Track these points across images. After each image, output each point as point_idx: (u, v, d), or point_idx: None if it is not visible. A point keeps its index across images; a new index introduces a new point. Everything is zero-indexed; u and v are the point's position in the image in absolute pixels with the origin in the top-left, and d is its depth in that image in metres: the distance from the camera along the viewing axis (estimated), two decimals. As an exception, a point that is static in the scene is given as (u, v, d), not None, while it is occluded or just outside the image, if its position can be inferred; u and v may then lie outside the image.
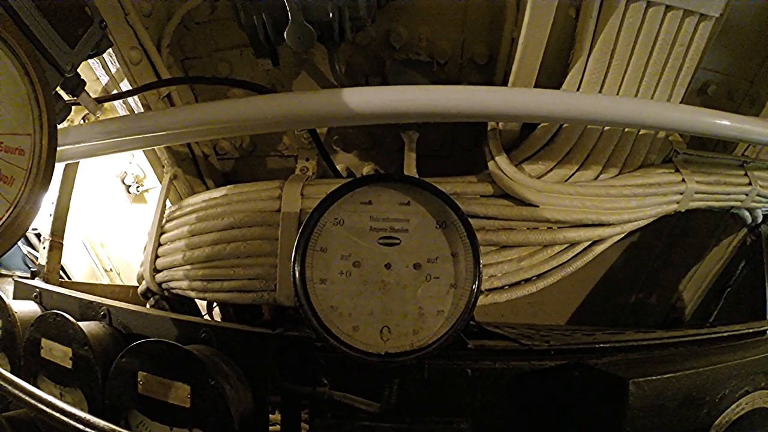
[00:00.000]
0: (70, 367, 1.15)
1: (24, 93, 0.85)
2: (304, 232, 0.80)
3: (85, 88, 1.12)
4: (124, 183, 1.72)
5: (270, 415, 1.14)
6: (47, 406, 1.07)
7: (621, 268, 1.68)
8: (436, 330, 0.77)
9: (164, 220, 1.32)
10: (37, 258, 1.61)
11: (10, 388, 1.15)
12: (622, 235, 1.15)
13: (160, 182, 1.34)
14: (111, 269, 1.97)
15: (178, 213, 1.30)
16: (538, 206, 1.06)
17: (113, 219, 1.81)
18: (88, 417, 0.98)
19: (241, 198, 1.16)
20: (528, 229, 1.07)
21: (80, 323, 1.17)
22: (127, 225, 1.78)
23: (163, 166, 1.33)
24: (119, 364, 1.05)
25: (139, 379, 1.03)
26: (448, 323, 0.77)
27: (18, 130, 0.84)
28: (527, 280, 1.09)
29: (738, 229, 1.60)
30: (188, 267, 1.19)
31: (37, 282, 1.43)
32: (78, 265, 2.01)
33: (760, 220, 1.48)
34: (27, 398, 1.10)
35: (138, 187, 1.71)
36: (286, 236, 1.07)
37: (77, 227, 1.81)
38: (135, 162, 1.67)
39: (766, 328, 1.40)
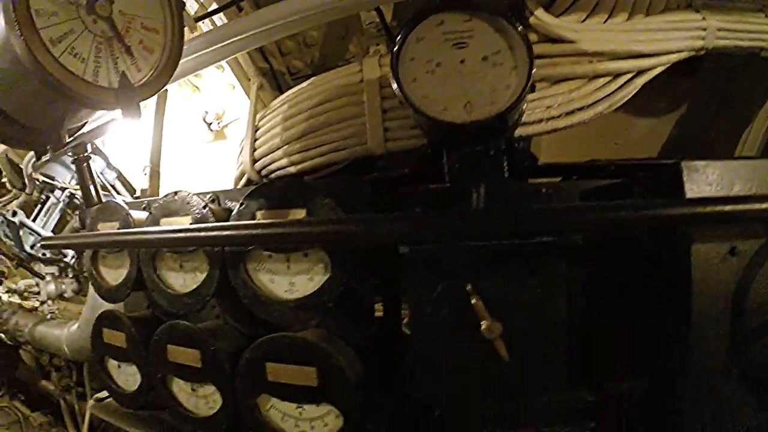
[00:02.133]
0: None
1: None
2: (397, 48, 1.15)
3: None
4: (205, 121, 2.13)
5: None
6: (172, 233, 1.36)
7: (676, 140, 1.91)
8: (507, 99, 1.09)
9: (257, 121, 1.70)
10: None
11: (137, 236, 1.45)
12: (660, 69, 1.43)
13: (248, 95, 1.74)
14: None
15: (269, 111, 1.66)
16: (575, 41, 1.37)
17: (196, 159, 2.21)
18: (204, 225, 1.29)
19: (326, 80, 1.51)
20: (572, 63, 1.38)
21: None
22: (209, 165, 2.18)
23: (249, 79, 1.73)
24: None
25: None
26: (515, 94, 1.09)
27: (154, 17, 1.22)
28: (580, 109, 1.39)
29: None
30: (286, 146, 1.53)
31: (143, 198, 1.83)
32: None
33: (793, 67, 1.70)
34: (152, 236, 1.40)
35: (219, 123, 2.12)
36: (371, 97, 1.41)
37: (164, 169, 2.22)
38: (214, 100, 2.09)
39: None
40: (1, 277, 3.99)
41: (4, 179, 3.32)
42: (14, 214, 2.94)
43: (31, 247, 3.07)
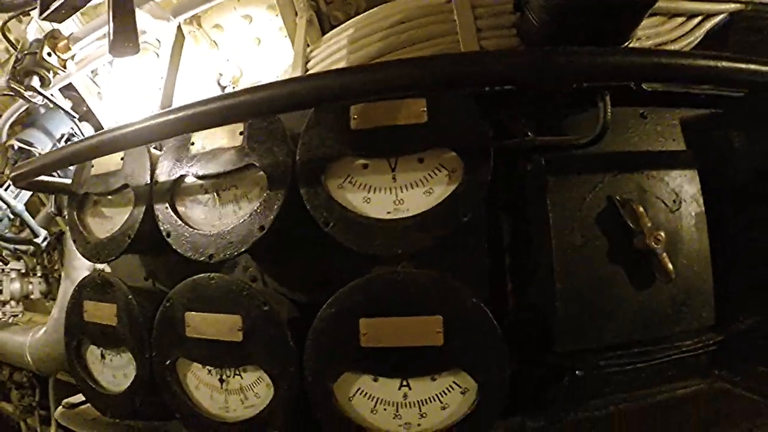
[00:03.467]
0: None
1: None
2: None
3: None
4: (219, 84, 1.86)
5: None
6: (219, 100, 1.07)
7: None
8: None
9: (308, 51, 1.52)
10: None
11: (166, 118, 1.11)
12: (720, 17, 1.56)
13: (290, 35, 1.56)
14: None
15: (324, 41, 1.50)
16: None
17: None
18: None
19: (402, 2, 1.40)
20: (659, -2, 1.45)
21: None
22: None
23: (297, 13, 1.56)
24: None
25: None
26: None
27: None
28: (664, 43, 1.45)
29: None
30: (354, 67, 1.37)
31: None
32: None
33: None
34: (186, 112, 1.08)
35: (234, 88, 1.86)
36: (463, 15, 1.30)
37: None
38: (233, 59, 1.85)
39: None
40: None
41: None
42: (-23, 178, 2.44)
43: (-3, 224, 2.52)
